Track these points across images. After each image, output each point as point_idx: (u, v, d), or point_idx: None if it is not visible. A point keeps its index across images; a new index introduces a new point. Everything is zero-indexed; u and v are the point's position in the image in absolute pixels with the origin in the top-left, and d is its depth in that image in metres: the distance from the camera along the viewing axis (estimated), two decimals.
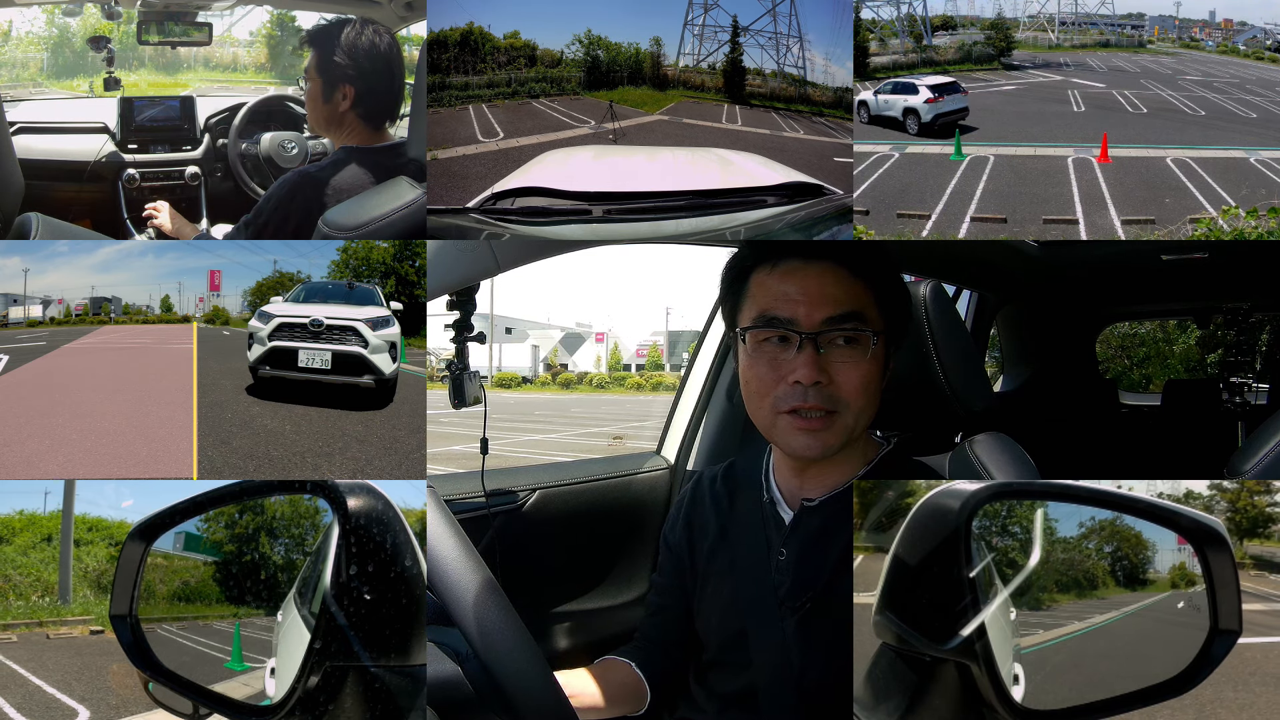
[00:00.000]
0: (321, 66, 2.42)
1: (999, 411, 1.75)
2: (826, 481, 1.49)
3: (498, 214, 2.24)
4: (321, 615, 1.04)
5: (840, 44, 8.66)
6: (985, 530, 1.19)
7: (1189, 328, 15.60)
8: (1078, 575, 1.22)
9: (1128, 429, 4.67)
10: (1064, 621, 1.23)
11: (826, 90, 8.69)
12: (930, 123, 8.54)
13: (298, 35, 11.06)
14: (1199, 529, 1.16)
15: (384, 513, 1.08)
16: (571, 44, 7.69)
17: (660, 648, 1.68)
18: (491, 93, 7.33)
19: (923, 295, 1.70)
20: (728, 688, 1.55)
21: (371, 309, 5.84)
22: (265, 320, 5.60)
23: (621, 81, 7.92)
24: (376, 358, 5.36)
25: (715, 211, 2.24)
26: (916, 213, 6.10)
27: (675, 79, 8.45)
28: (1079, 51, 15.31)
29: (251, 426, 5.50)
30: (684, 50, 8.61)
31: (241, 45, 18.09)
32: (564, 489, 2.32)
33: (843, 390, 1.39)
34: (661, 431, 2.72)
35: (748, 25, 8.73)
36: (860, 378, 1.40)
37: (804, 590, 1.46)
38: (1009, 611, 1.18)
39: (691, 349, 2.70)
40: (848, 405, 1.40)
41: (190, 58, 18.04)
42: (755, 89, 8.76)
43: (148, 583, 1.19)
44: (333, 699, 1.03)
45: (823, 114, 8.64)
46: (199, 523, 1.23)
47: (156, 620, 1.20)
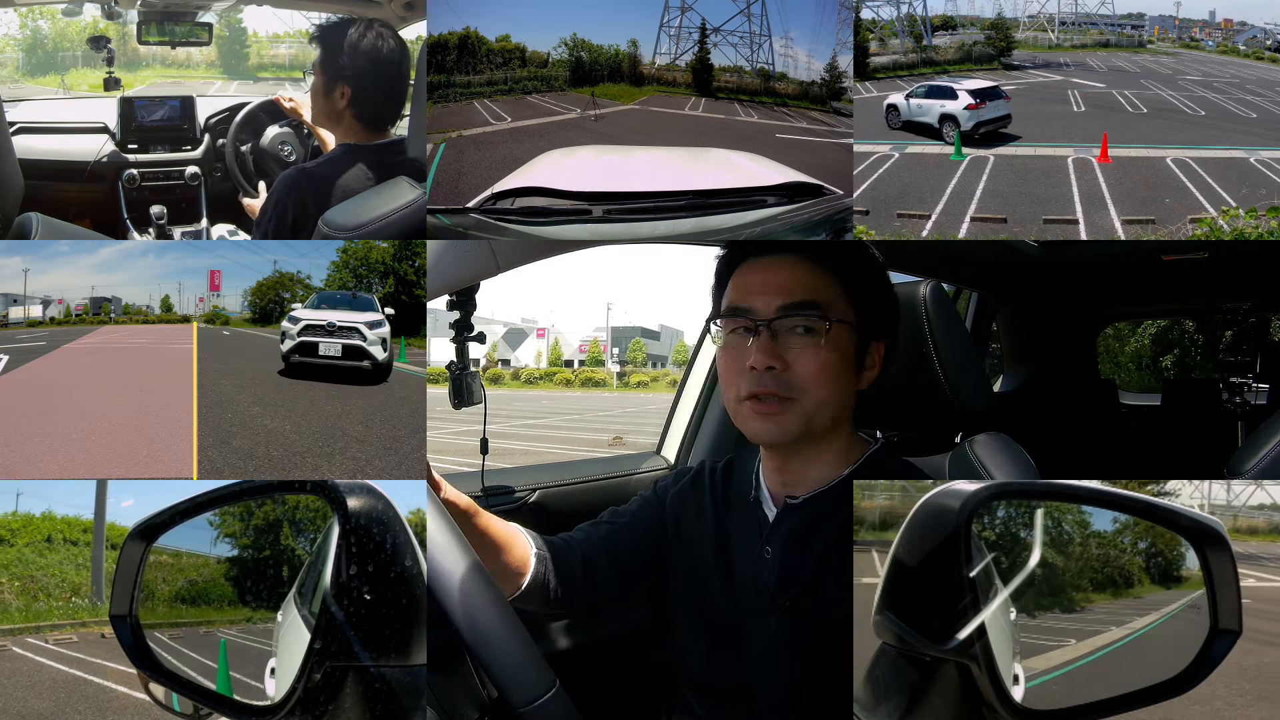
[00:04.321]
0: (324, 64, 2.44)
1: (999, 411, 1.75)
2: (809, 479, 1.50)
3: (498, 214, 2.24)
4: (321, 615, 1.04)
5: (823, 40, 9.21)
6: (1018, 526, 1.17)
7: (1144, 325, 15.59)
8: (1112, 573, 1.21)
9: (1128, 429, 4.67)
10: (1101, 625, 1.21)
11: (792, 83, 9.58)
12: (971, 131, 7.93)
13: (244, 34, 11.44)
14: (1199, 529, 1.16)
15: (384, 513, 1.09)
16: (558, 46, 8.71)
17: (579, 550, 1.64)
18: (491, 89, 8.32)
19: (923, 295, 1.70)
20: (719, 685, 1.55)
21: (370, 314, 8.11)
22: (294, 323, 7.89)
23: (602, 79, 8.91)
24: (372, 349, 7.69)
25: (715, 211, 2.24)
26: (916, 213, 6.10)
27: (650, 76, 9.47)
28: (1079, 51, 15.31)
29: (251, 426, 5.51)
30: (659, 50, 9.68)
31: None
32: (564, 489, 2.32)
33: (798, 376, 1.41)
34: (661, 431, 2.72)
35: (719, 26, 9.77)
36: (817, 364, 1.41)
37: (788, 587, 1.47)
38: (1009, 611, 1.18)
39: (681, 348, 2.71)
40: (805, 391, 1.41)
41: (149, 55, 18.41)
42: (725, 84, 9.74)
43: (149, 583, 1.19)
44: (333, 699, 1.03)
45: (786, 104, 9.47)
46: (211, 515, 1.22)
47: (157, 625, 1.20)
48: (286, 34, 6.24)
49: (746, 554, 1.54)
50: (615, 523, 1.70)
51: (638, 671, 1.96)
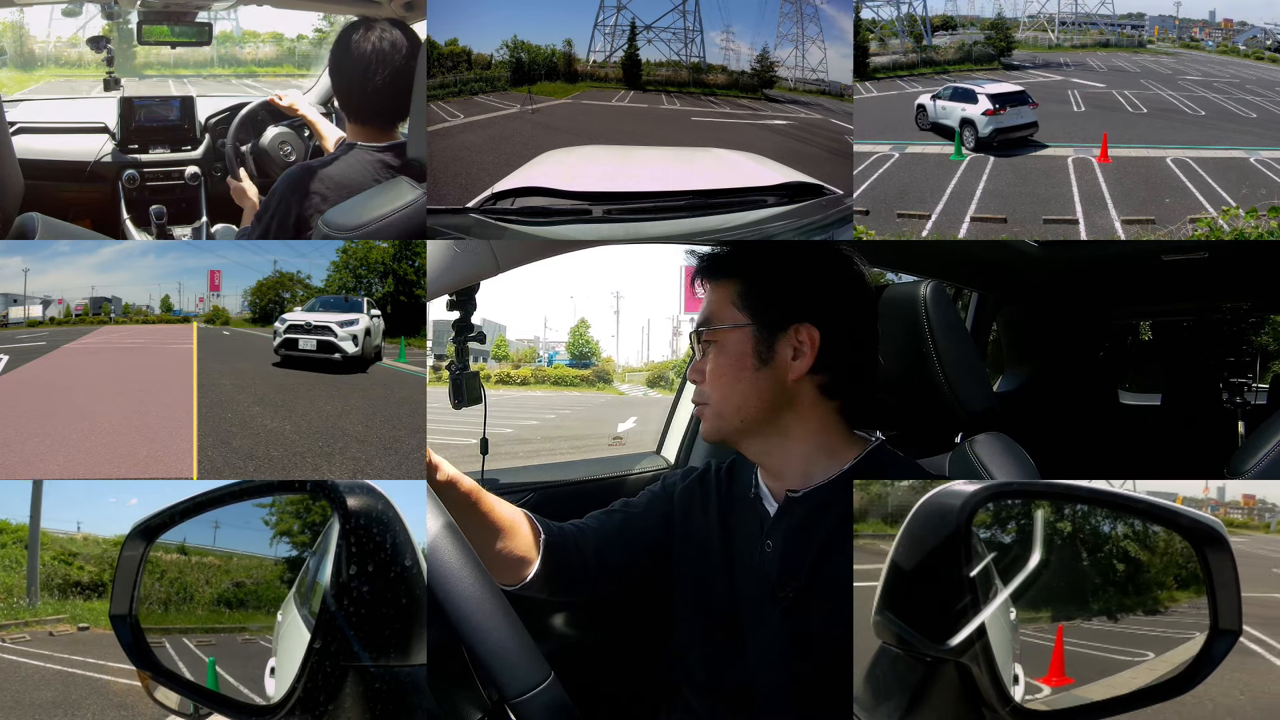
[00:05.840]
0: (330, 63, 2.46)
1: (999, 411, 1.75)
2: (805, 477, 1.52)
3: (498, 214, 2.24)
4: (321, 615, 1.04)
5: (764, 33, 10.16)
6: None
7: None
8: (1196, 568, 1.17)
9: (1128, 429, 4.67)
10: (1185, 632, 1.18)
11: (722, 73, 10.44)
12: (988, 139, 7.34)
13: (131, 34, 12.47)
14: (1199, 529, 1.16)
15: (384, 512, 1.09)
16: (500, 48, 9.43)
17: (592, 538, 1.67)
18: (443, 92, 8.78)
19: (923, 295, 1.70)
20: (720, 683, 1.56)
21: (346, 314, 9.57)
22: (283, 323, 9.61)
23: (540, 77, 9.69)
24: (342, 343, 9.11)
25: (715, 211, 2.24)
26: (916, 213, 6.09)
27: (584, 73, 10.25)
28: (1079, 51, 15.29)
29: (251, 426, 5.51)
30: (594, 48, 10.44)
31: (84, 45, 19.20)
32: (564, 489, 2.32)
33: (707, 384, 1.57)
34: (661, 431, 2.72)
35: (650, 23, 10.66)
36: (713, 372, 1.55)
37: (789, 580, 1.48)
38: (1009, 611, 1.18)
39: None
40: (710, 395, 1.56)
41: (44, 56, 18.82)
42: (657, 77, 10.58)
43: (187, 585, 1.18)
44: (333, 699, 1.03)
45: (714, 94, 10.28)
46: (267, 514, 1.21)
47: (189, 629, 1.18)
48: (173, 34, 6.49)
49: (748, 549, 1.56)
50: (628, 513, 1.72)
51: (637, 670, 1.96)
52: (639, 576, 1.69)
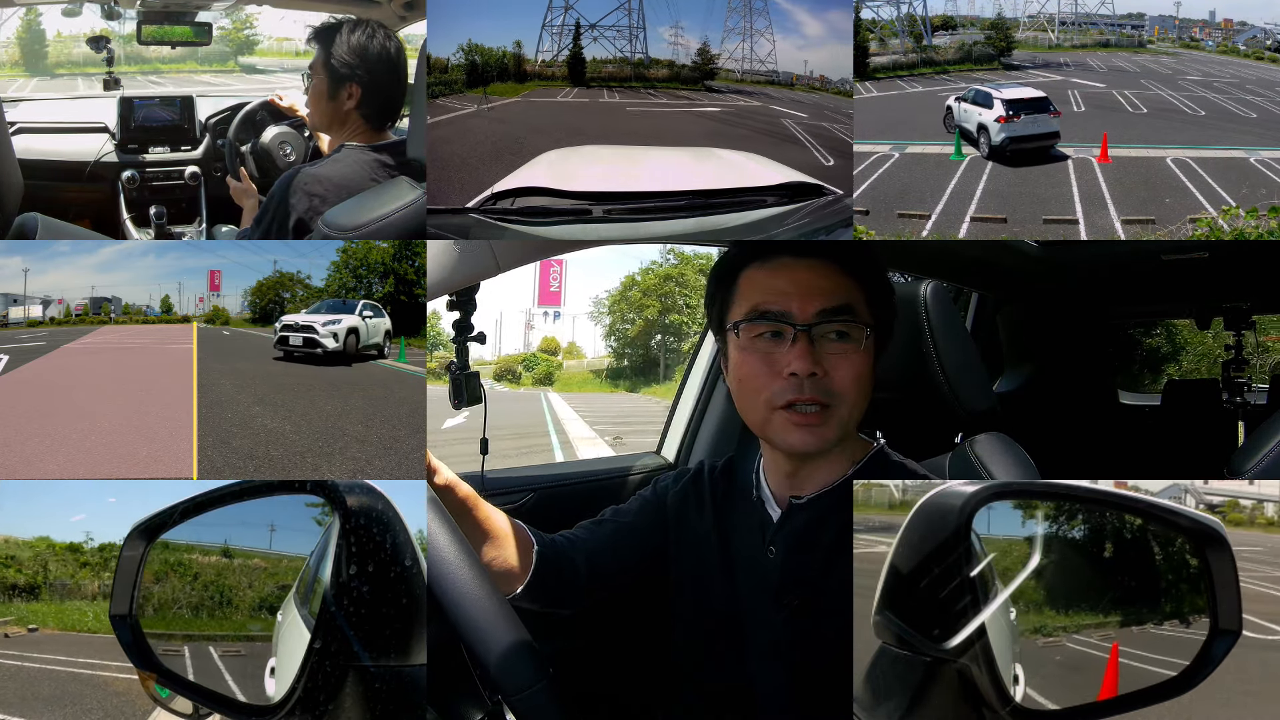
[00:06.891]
0: (327, 64, 2.44)
1: (999, 411, 1.75)
2: (816, 480, 1.49)
3: (497, 214, 2.24)
4: (321, 615, 1.04)
5: (713, 27, 10.89)
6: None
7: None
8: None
9: (1128, 429, 4.67)
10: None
11: (665, 67, 11.25)
12: (1001, 147, 6.90)
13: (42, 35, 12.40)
14: (1199, 529, 1.16)
15: (384, 512, 1.09)
16: (456, 52, 9.89)
17: (583, 549, 1.62)
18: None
19: (923, 295, 1.70)
20: (719, 685, 1.55)
21: (334, 315, 10.74)
22: (280, 324, 10.75)
23: (493, 79, 10.27)
24: (324, 340, 10.20)
25: (715, 211, 2.24)
26: (916, 213, 6.09)
27: (533, 72, 10.88)
28: (1079, 51, 15.29)
29: (251, 426, 5.51)
30: (541, 48, 11.05)
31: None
32: (563, 489, 2.32)
33: (837, 383, 1.39)
34: (662, 431, 2.72)
35: (595, 22, 11.34)
36: (854, 371, 1.39)
37: (793, 587, 1.46)
38: (1009, 611, 1.18)
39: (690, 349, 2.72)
40: (843, 398, 1.39)
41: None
42: (602, 74, 11.24)
43: (227, 589, 1.17)
44: (333, 699, 1.03)
45: (654, 87, 11.08)
46: (318, 514, 1.16)
47: (223, 637, 1.17)
48: (83, 34, 6.46)
49: (749, 554, 1.53)
50: (619, 521, 1.69)
51: (637, 672, 1.96)
52: (631, 583, 1.67)
